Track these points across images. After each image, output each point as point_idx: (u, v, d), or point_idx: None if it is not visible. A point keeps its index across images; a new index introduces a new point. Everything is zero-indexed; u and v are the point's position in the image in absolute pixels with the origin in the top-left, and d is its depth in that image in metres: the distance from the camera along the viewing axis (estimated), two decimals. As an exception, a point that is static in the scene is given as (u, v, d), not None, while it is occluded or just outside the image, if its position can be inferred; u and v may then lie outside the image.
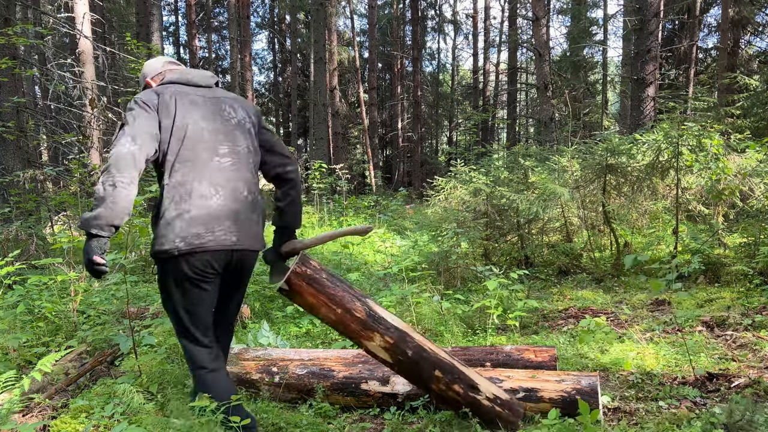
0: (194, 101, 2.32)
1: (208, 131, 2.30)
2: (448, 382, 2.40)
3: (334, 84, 19.02)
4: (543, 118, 12.52)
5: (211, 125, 2.31)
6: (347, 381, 2.83)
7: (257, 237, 2.40)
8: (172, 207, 2.20)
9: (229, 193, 2.29)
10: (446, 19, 28.40)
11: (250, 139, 2.42)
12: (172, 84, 2.37)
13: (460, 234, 5.60)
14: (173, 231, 2.18)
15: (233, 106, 2.42)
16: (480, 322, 4.11)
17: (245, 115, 2.44)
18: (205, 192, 2.23)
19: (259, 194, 2.46)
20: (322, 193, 10.55)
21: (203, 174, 2.25)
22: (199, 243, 2.20)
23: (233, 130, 2.37)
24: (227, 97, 2.46)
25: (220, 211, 2.25)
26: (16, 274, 4.67)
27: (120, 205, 2.08)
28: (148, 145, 2.17)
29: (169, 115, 2.22)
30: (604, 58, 22.18)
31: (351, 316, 2.39)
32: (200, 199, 2.22)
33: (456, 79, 30.34)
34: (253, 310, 4.54)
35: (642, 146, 6.24)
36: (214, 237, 2.22)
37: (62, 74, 7.40)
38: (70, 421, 2.53)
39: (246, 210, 2.34)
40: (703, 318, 4.01)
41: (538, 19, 12.43)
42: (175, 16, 26.45)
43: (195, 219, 2.20)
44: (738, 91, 11.22)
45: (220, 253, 2.25)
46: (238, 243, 2.29)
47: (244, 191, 2.34)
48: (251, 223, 2.36)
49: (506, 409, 2.40)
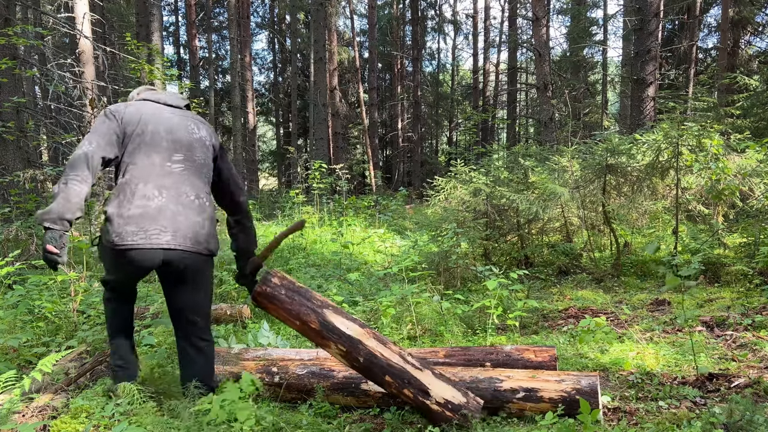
0: (160, 114, 2.56)
1: (167, 140, 2.50)
2: (398, 386, 2.49)
3: (334, 84, 19.03)
4: (543, 118, 12.52)
5: (171, 135, 2.52)
6: (347, 381, 2.83)
7: (198, 239, 2.50)
8: (116, 204, 2.39)
9: (173, 195, 2.44)
10: (446, 19, 28.40)
11: (208, 154, 2.63)
12: (144, 100, 2.64)
13: (460, 234, 5.60)
14: (112, 226, 2.37)
15: (197, 126, 2.65)
16: (480, 322, 4.11)
17: (208, 136, 2.67)
18: (148, 193, 2.40)
19: (209, 200, 2.60)
20: (322, 193, 10.55)
21: (151, 176, 2.42)
22: (131, 240, 2.36)
23: (193, 143, 2.57)
24: (195, 118, 2.69)
25: (158, 211, 2.40)
26: (16, 274, 4.67)
27: (71, 200, 2.28)
28: (104, 147, 2.39)
29: (132, 123, 2.46)
30: (604, 58, 22.19)
31: (308, 327, 2.57)
32: (141, 200, 2.39)
33: (456, 79, 30.34)
34: (253, 310, 4.54)
35: (642, 146, 6.24)
36: (146, 236, 2.37)
37: (62, 74, 7.40)
38: (70, 421, 2.53)
39: (189, 213, 2.48)
40: (703, 318, 4.02)
41: (538, 19, 12.43)
42: (175, 16, 26.45)
43: (131, 218, 2.36)
44: (738, 91, 11.21)
45: (151, 252, 2.39)
46: (172, 242, 2.41)
47: (190, 195, 2.50)
48: (193, 225, 2.48)
49: (456, 414, 2.40)
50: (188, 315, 2.62)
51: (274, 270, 2.67)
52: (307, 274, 5.61)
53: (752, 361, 3.16)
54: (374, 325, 4.05)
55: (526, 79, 27.11)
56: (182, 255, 2.46)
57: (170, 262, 2.45)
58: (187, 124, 2.61)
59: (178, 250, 2.43)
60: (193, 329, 2.64)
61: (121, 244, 2.36)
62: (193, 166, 2.54)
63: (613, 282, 5.49)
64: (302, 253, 6.92)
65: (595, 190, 6.02)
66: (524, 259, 6.26)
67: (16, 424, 2.44)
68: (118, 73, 10.03)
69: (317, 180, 9.97)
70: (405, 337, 3.87)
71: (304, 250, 7.14)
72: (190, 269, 2.53)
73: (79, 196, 2.29)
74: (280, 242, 2.84)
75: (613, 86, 20.33)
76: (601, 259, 6.21)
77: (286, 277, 2.66)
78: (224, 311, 4.37)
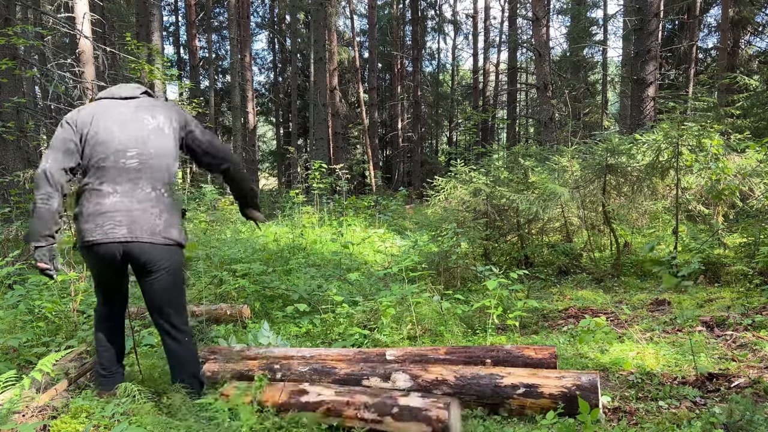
0: (113, 110, 2.63)
1: (120, 137, 2.57)
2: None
3: (334, 84, 19.03)
4: (543, 118, 12.52)
5: (123, 132, 2.58)
6: (349, 378, 2.83)
7: (154, 230, 2.56)
8: (79, 205, 2.56)
9: (128, 190, 2.54)
10: (446, 19, 28.40)
11: (168, 141, 2.66)
12: (99, 100, 2.71)
13: (460, 234, 5.60)
14: (77, 225, 2.56)
15: (153, 113, 2.67)
16: (480, 322, 4.11)
17: (167, 120, 2.68)
18: (104, 191, 2.53)
19: (168, 191, 2.64)
20: (322, 193, 10.55)
21: (107, 175, 2.53)
22: (90, 237, 2.51)
23: (148, 135, 2.61)
24: (150, 105, 2.71)
25: (113, 207, 2.51)
26: (16, 274, 4.67)
27: (43, 219, 2.49)
28: (61, 160, 2.53)
29: (86, 125, 2.57)
30: (604, 58, 22.19)
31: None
32: (98, 197, 2.52)
33: (456, 79, 30.34)
34: (253, 310, 4.54)
35: (642, 146, 6.24)
36: (102, 231, 2.50)
37: (62, 74, 7.40)
38: (70, 421, 2.53)
39: (145, 205, 2.55)
40: (703, 318, 4.01)
41: (538, 19, 12.43)
42: (175, 16, 26.44)
43: (90, 216, 2.52)
44: (738, 91, 11.22)
45: (109, 246, 2.51)
46: (128, 236, 2.51)
47: (146, 189, 2.57)
48: (148, 218, 2.55)
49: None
50: (160, 306, 2.68)
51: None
52: (307, 274, 5.61)
53: (752, 361, 3.16)
54: (374, 325, 4.05)
55: (526, 79, 27.12)
56: (141, 247, 2.53)
57: (130, 254, 2.54)
58: (141, 116, 2.64)
59: (135, 243, 2.52)
60: (168, 320, 2.69)
61: (84, 241, 2.53)
62: (149, 159, 2.58)
63: (613, 282, 5.49)
64: (302, 253, 6.92)
65: (595, 190, 6.02)
66: (524, 259, 6.26)
67: (16, 424, 2.44)
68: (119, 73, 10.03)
69: (317, 180, 9.97)
70: (405, 337, 3.87)
71: (304, 250, 7.14)
72: (153, 260, 2.58)
73: (50, 212, 2.49)
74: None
75: (613, 86, 20.33)
76: (601, 259, 6.21)
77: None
78: (224, 311, 4.36)
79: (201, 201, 9.61)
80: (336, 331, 4.04)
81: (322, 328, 4.18)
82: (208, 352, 3.31)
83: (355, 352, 3.16)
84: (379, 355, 3.12)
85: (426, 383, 2.66)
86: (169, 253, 2.63)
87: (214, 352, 3.31)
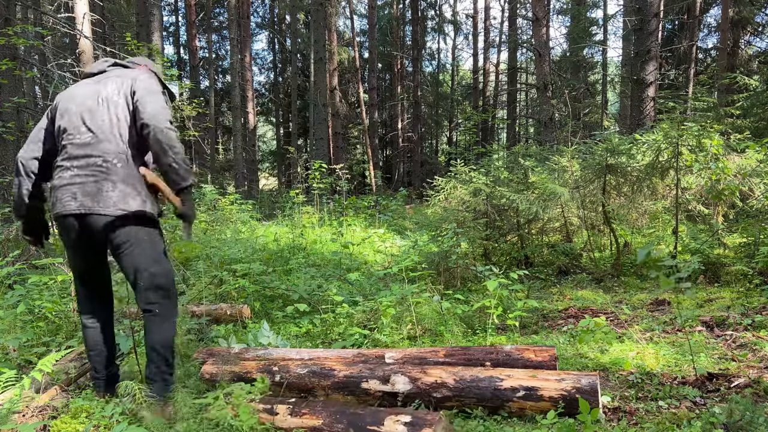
0: (77, 89, 2.75)
1: (77, 112, 2.66)
2: None
3: (334, 84, 19.03)
4: (543, 118, 12.52)
5: (81, 106, 2.67)
6: (348, 380, 2.83)
7: (107, 201, 2.57)
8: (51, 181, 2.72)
9: (82, 164, 2.60)
10: (446, 19, 28.41)
11: (118, 111, 2.66)
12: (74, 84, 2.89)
13: (460, 234, 5.60)
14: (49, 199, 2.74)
15: (105, 84, 2.72)
16: (480, 322, 4.11)
17: (114, 88, 2.70)
18: (64, 165, 2.63)
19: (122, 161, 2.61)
20: (322, 193, 10.55)
21: (67, 151, 2.64)
22: (54, 210, 2.64)
23: (97, 107, 2.66)
24: (107, 76, 2.77)
25: (70, 181, 2.60)
26: (17, 274, 4.67)
27: (16, 203, 2.79)
28: (32, 149, 2.74)
29: (58, 109, 2.72)
30: (604, 58, 22.21)
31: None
32: (60, 172, 2.64)
33: (456, 79, 30.34)
34: (253, 310, 4.54)
35: (642, 146, 6.24)
36: (61, 204, 2.60)
37: (62, 74, 7.40)
38: (70, 421, 2.53)
39: (98, 177, 2.58)
40: (703, 318, 4.01)
41: (538, 20, 12.43)
42: (175, 16, 26.45)
43: (53, 190, 2.66)
44: (738, 91, 11.22)
45: (67, 218, 2.60)
46: (81, 208, 2.57)
47: (97, 160, 2.60)
48: (100, 189, 2.58)
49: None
50: (133, 278, 2.65)
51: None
52: (307, 274, 5.62)
53: (752, 361, 3.16)
54: (374, 325, 4.05)
55: (526, 79, 27.12)
56: (96, 219, 2.57)
57: (89, 227, 2.59)
58: (96, 90, 2.70)
59: (90, 215, 2.57)
60: (141, 292, 2.64)
61: (53, 214, 2.68)
62: (102, 132, 2.62)
63: (613, 282, 5.49)
64: (302, 253, 6.92)
65: (595, 190, 6.02)
66: (524, 259, 6.26)
67: (16, 424, 2.44)
68: (118, 73, 10.00)
69: (317, 180, 9.98)
70: (405, 337, 3.87)
71: (304, 250, 7.14)
72: (113, 232, 2.59)
73: (20, 197, 2.75)
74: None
75: (613, 86, 20.35)
76: (601, 259, 6.21)
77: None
78: (224, 311, 4.36)
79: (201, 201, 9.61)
80: (336, 331, 4.04)
81: (322, 328, 4.18)
82: (206, 354, 3.31)
83: (354, 354, 3.16)
84: (378, 357, 3.12)
85: (425, 386, 2.65)
86: (129, 223, 2.58)
87: (212, 354, 3.30)
